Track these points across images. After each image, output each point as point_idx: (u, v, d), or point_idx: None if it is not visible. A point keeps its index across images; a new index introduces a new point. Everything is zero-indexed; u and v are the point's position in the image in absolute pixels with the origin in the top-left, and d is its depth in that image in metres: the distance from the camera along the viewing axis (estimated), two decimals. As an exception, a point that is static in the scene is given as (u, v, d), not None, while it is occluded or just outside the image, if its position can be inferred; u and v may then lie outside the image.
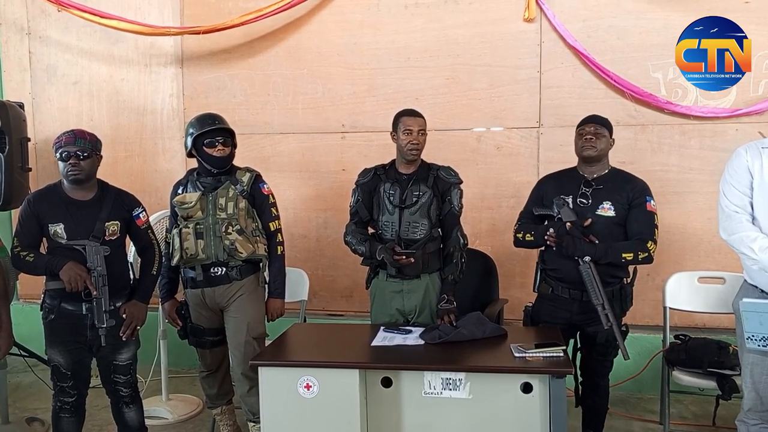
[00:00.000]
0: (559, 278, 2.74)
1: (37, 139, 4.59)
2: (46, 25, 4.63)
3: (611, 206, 2.66)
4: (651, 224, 2.65)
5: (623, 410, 3.54)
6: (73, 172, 2.54)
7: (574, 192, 2.71)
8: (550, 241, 2.63)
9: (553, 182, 2.83)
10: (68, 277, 2.48)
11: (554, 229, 2.62)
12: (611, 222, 2.66)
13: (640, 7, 3.71)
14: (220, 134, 2.88)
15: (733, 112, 3.63)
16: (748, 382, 2.25)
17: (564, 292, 2.73)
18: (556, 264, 2.73)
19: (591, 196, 2.68)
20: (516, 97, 3.91)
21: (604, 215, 2.65)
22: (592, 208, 2.67)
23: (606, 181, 2.71)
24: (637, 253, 2.60)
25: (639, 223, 2.65)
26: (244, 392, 2.96)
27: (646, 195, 2.68)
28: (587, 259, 2.54)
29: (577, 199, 2.69)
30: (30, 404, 3.83)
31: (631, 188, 2.69)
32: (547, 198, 2.78)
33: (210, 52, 4.34)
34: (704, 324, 3.68)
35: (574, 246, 2.56)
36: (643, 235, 2.63)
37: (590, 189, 2.69)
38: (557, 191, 2.74)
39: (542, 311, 2.82)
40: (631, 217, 2.66)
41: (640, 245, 2.61)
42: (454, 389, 2.29)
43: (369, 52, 4.09)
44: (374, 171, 2.95)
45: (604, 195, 2.67)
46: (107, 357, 2.67)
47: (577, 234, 2.58)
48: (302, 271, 3.47)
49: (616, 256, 2.59)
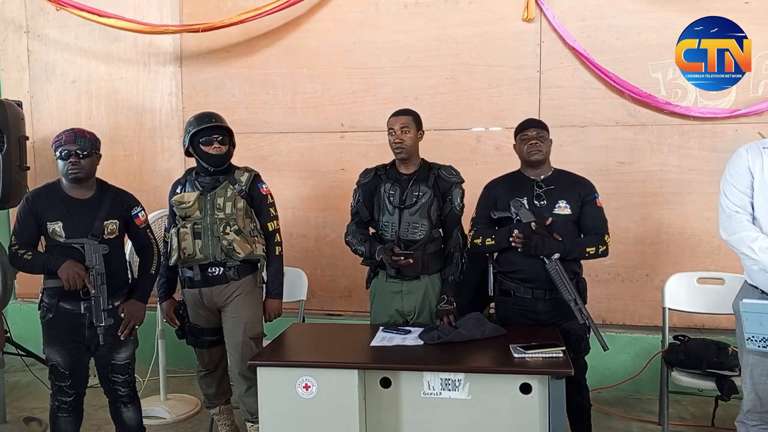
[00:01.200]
0: (522, 279, 2.75)
1: (36, 138, 4.59)
2: (45, 23, 4.62)
3: (567, 204, 2.74)
4: (603, 219, 2.76)
5: (622, 411, 3.54)
6: (73, 171, 2.54)
7: (528, 194, 2.76)
8: (517, 242, 2.65)
9: (505, 186, 2.85)
10: (66, 275, 2.47)
11: (519, 230, 2.64)
12: (568, 220, 2.73)
13: (639, 7, 3.71)
14: (217, 132, 2.87)
15: (733, 113, 3.63)
16: (748, 383, 2.25)
17: (527, 293, 2.75)
18: (518, 265, 2.73)
19: (545, 196, 2.74)
20: (515, 97, 3.91)
21: (562, 213, 2.73)
22: (549, 207, 2.73)
23: (554, 181, 2.79)
24: (598, 247, 2.70)
25: (593, 218, 2.75)
26: (241, 392, 2.96)
27: (593, 192, 2.79)
28: (555, 256, 2.59)
29: (532, 201, 2.74)
30: (27, 404, 3.82)
31: (581, 187, 2.79)
32: (501, 201, 2.80)
33: (209, 50, 4.33)
34: (703, 325, 3.68)
35: (543, 244, 2.60)
36: (599, 230, 2.73)
37: (543, 189, 2.75)
38: (510, 194, 2.77)
39: (509, 315, 2.81)
40: (584, 213, 2.75)
41: (599, 239, 2.71)
42: (453, 390, 2.29)
43: (368, 51, 4.09)
44: (375, 171, 2.94)
45: (557, 195, 2.75)
46: (105, 356, 2.66)
47: (544, 233, 2.63)
48: (301, 270, 3.46)
49: (580, 252, 2.69)
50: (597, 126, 3.81)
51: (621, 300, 3.83)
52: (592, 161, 3.75)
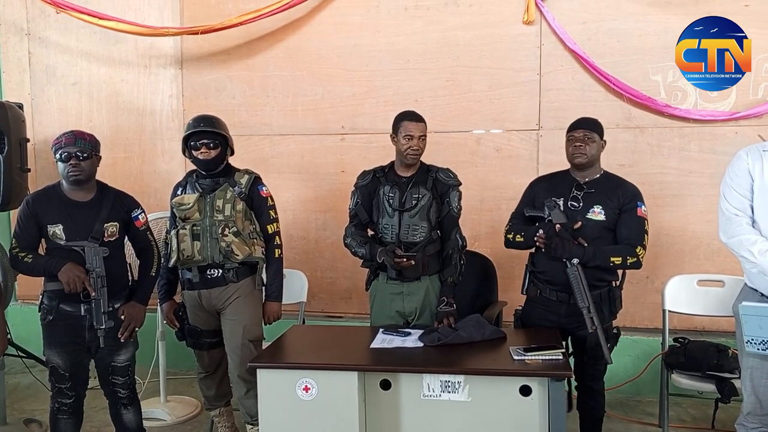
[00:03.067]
0: (548, 280, 2.74)
1: (36, 140, 4.59)
2: (46, 25, 4.62)
3: (602, 210, 2.66)
4: (641, 229, 2.64)
5: (622, 413, 3.53)
6: (73, 173, 2.54)
7: (566, 195, 2.71)
8: (540, 242, 2.63)
9: (545, 184, 2.84)
10: (67, 278, 2.47)
11: (544, 230, 2.63)
12: (601, 226, 2.66)
13: (639, 10, 3.71)
14: (205, 136, 2.86)
15: (733, 115, 3.63)
16: (748, 386, 2.25)
17: (552, 295, 2.73)
18: (544, 266, 2.73)
19: (582, 199, 2.69)
20: (515, 99, 3.91)
21: (594, 219, 2.65)
22: (583, 211, 2.67)
23: (597, 185, 2.72)
24: (626, 258, 2.59)
25: (629, 228, 2.64)
26: (241, 395, 2.96)
27: (637, 200, 2.68)
28: (575, 261, 2.55)
29: (568, 202, 2.70)
30: (28, 405, 3.82)
31: (623, 193, 2.69)
32: (538, 200, 2.78)
33: (209, 53, 4.34)
34: (703, 327, 3.67)
35: (563, 247, 2.56)
36: (633, 240, 2.62)
37: (581, 192, 2.70)
38: (549, 193, 2.75)
39: (532, 314, 2.81)
40: (621, 221, 2.66)
41: (629, 250, 2.60)
42: (452, 392, 2.29)
43: (368, 53, 4.09)
44: (373, 173, 2.94)
45: (595, 199, 2.68)
46: (105, 358, 2.66)
47: (566, 236, 2.59)
48: (301, 272, 3.46)
49: (604, 260, 2.59)
50: (597, 128, 3.80)
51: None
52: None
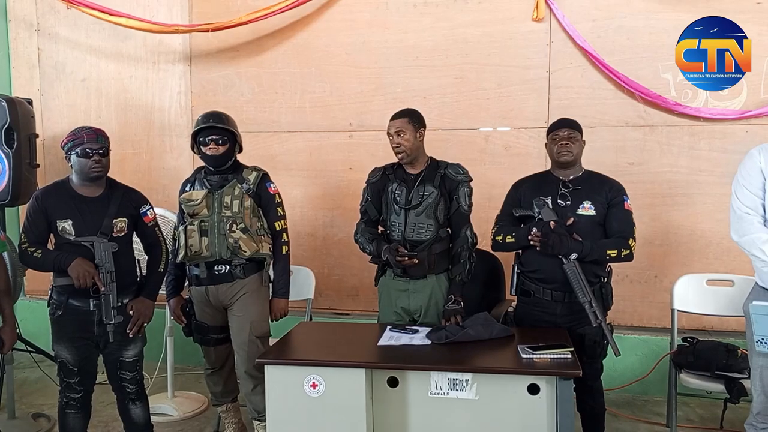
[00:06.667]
0: (540, 279, 2.73)
1: (45, 136, 4.62)
2: (55, 22, 4.64)
3: (591, 206, 2.69)
4: (630, 222, 2.70)
5: (630, 413, 3.52)
6: (95, 169, 2.56)
7: (553, 193, 2.73)
8: (535, 240, 2.63)
9: (530, 184, 2.84)
10: (77, 273, 2.48)
11: (538, 228, 2.63)
12: (592, 221, 2.69)
13: (650, 8, 3.69)
14: (214, 132, 2.86)
15: (743, 114, 3.61)
16: (758, 386, 2.24)
17: (546, 294, 2.72)
18: (536, 265, 2.72)
19: (570, 196, 2.71)
20: (524, 97, 3.89)
21: (585, 214, 2.68)
22: (573, 208, 2.70)
23: (583, 182, 2.75)
24: (621, 250, 2.64)
25: (619, 221, 2.69)
26: (248, 391, 2.96)
27: (623, 194, 2.73)
28: (573, 257, 2.56)
29: (556, 200, 2.72)
30: (36, 400, 3.84)
31: (609, 188, 2.74)
32: (524, 200, 2.79)
33: (218, 49, 4.35)
34: (712, 327, 3.66)
35: (561, 244, 2.57)
36: (624, 233, 2.67)
37: (568, 190, 2.72)
38: (535, 193, 2.76)
39: (525, 315, 2.80)
40: (610, 215, 2.70)
41: (623, 242, 2.65)
42: (460, 390, 2.28)
43: (377, 50, 4.08)
44: (384, 170, 2.94)
45: (583, 195, 2.71)
46: (114, 353, 2.67)
47: (562, 232, 2.60)
48: (308, 269, 3.47)
49: (601, 253, 2.63)
50: (606, 127, 3.79)
51: (629, 301, 3.81)
52: (602, 162, 3.70)
